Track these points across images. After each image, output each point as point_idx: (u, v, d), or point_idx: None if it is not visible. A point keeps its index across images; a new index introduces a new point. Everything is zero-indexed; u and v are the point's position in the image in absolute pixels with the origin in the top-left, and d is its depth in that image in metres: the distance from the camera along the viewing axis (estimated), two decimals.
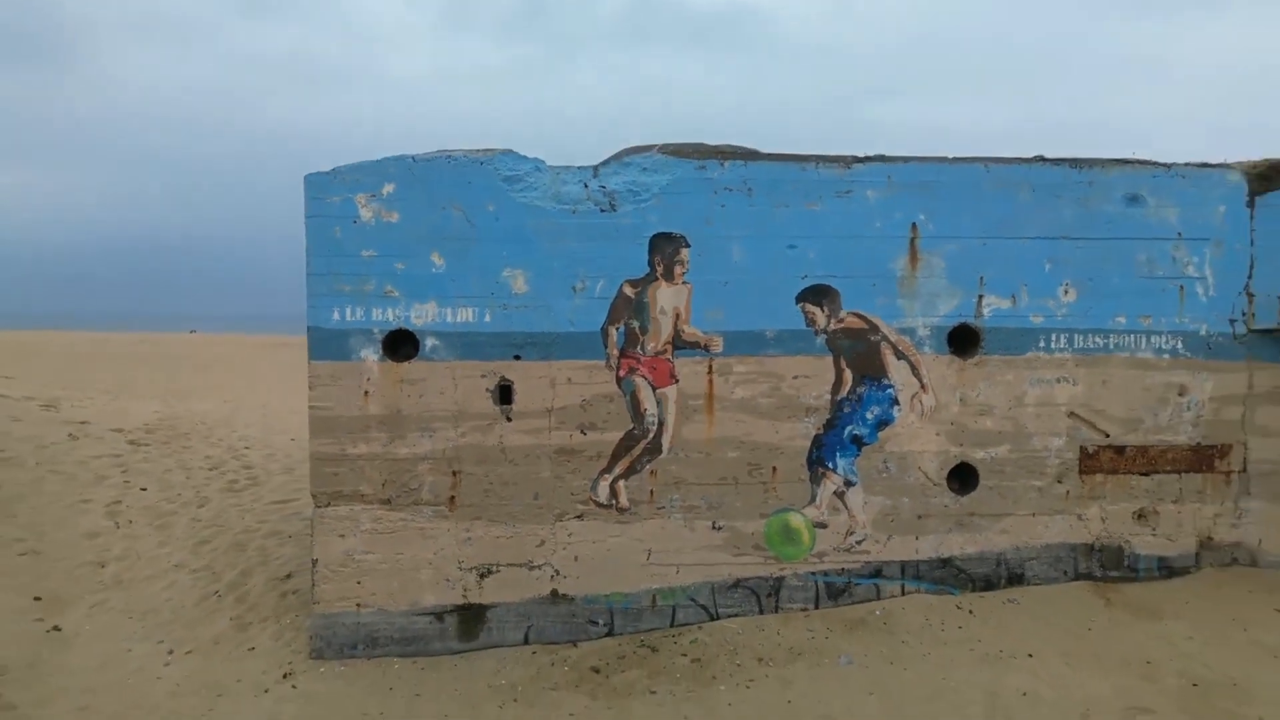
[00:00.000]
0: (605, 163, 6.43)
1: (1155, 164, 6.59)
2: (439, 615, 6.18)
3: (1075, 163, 6.53)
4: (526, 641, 6.23)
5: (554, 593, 6.26)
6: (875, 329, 6.41)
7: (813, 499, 6.43)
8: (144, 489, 9.80)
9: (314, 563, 6.17)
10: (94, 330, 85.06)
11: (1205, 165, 6.64)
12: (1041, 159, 6.55)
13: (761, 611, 6.37)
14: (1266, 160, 6.63)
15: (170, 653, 6.27)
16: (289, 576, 7.56)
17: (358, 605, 6.15)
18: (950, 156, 6.48)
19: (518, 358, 6.19)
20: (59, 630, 6.55)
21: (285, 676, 5.89)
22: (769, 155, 6.43)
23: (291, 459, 11.97)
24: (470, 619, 6.20)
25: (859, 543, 6.46)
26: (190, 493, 9.87)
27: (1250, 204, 6.60)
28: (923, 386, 6.47)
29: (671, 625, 6.30)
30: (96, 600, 7.15)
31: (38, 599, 7.05)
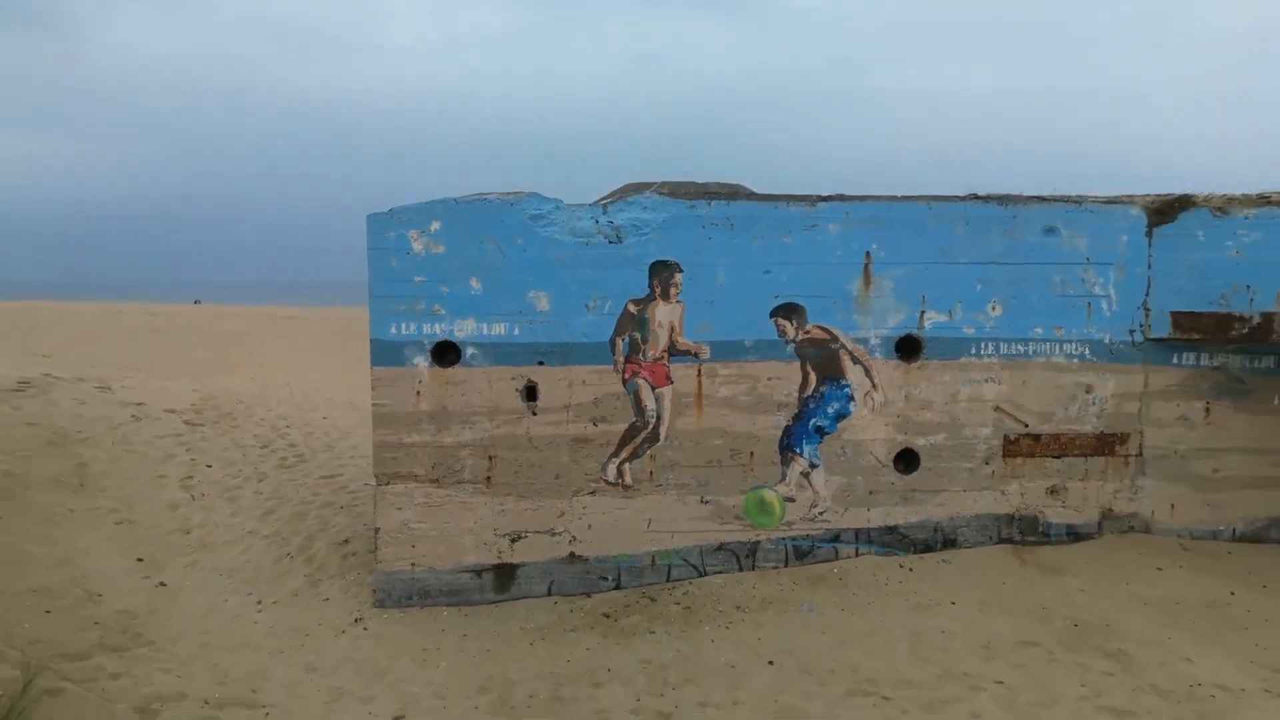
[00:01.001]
0: (612, 200, 7.75)
1: (1069, 199, 7.92)
2: (478, 572, 7.62)
3: (1002, 200, 7.86)
4: (549, 593, 7.66)
5: (571, 554, 7.69)
6: (835, 339, 7.78)
7: (783, 478, 7.84)
8: (209, 465, 11.22)
9: (376, 530, 7.59)
10: (102, 300, 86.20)
11: (1112, 200, 7.97)
12: (975, 196, 7.88)
13: (741, 569, 7.81)
14: (1162, 198, 7.96)
15: (259, 603, 7.70)
16: (347, 541, 8.99)
17: (412, 565, 7.57)
18: (899, 196, 7.81)
19: (541, 363, 7.56)
20: (164, 585, 7.98)
21: (356, 621, 7.34)
22: (748, 195, 7.76)
23: (329, 437, 13.37)
24: (504, 575, 7.64)
25: (821, 514, 7.89)
26: (249, 469, 11.29)
27: (1149, 234, 7.94)
28: (874, 386, 7.86)
29: (667, 580, 7.74)
30: (188, 561, 8.59)
31: (140, 560, 8.48)
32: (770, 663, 6.35)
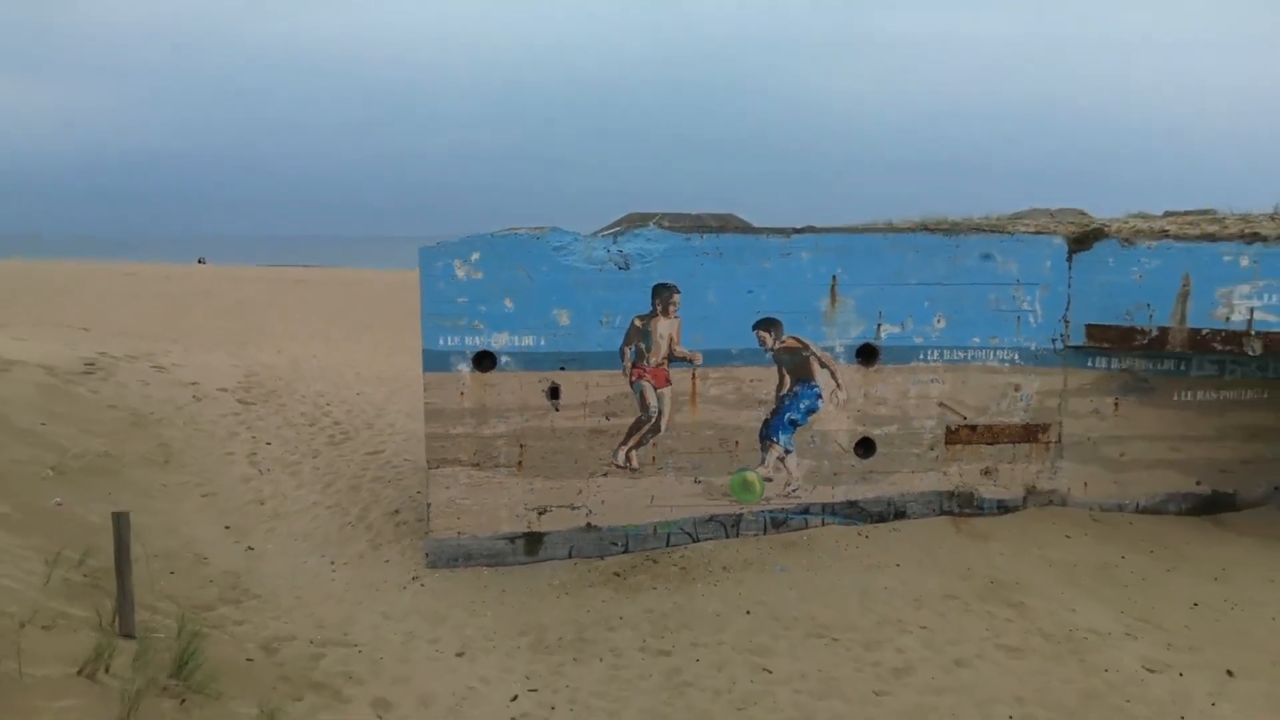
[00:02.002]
0: (620, 231, 9.29)
1: (1003, 231, 9.47)
2: (512, 539, 9.31)
3: (947, 230, 9.40)
4: (570, 556, 9.37)
5: (588, 524, 9.38)
6: (806, 347, 9.38)
7: (763, 461, 9.50)
8: (268, 443, 12.90)
9: (428, 505, 9.27)
10: (108, 259, 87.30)
11: (1039, 231, 9.52)
12: (924, 228, 9.42)
13: (727, 536, 9.51)
14: (1081, 229, 9.49)
15: (332, 564, 9.41)
16: (397, 511, 10.69)
17: (458, 533, 9.26)
18: (860, 227, 9.35)
19: (563, 369, 9.16)
20: (252, 549, 9.69)
21: (414, 579, 9.05)
22: (735, 227, 9.30)
23: (367, 415, 15.02)
24: (533, 541, 9.34)
25: (794, 491, 9.56)
26: (304, 446, 12.97)
27: (1069, 260, 9.49)
28: (838, 386, 9.47)
29: (666, 545, 9.44)
30: (267, 528, 10.29)
31: (227, 528, 10.19)
32: (748, 612, 8.06)
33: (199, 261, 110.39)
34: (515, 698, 6.75)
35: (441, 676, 7.09)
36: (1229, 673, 6.84)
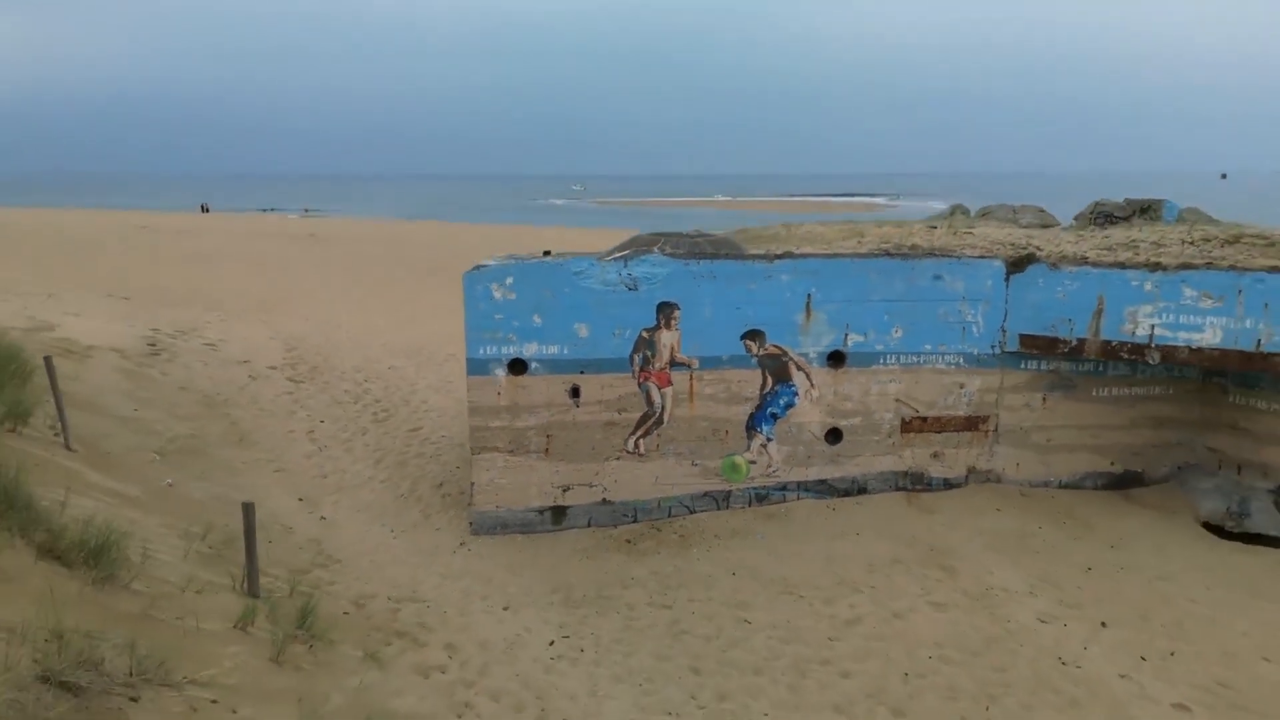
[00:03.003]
0: (630, 256, 11.06)
1: (952, 255, 11.24)
2: (541, 511, 11.30)
3: (904, 256, 11.18)
4: (589, 525, 11.36)
5: (604, 499, 11.35)
6: (785, 354, 11.24)
7: (748, 447, 11.43)
8: (322, 422, 14.84)
9: (472, 484, 11.23)
10: (113, 209, 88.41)
11: (982, 255, 11.29)
12: (886, 253, 11.19)
13: (719, 509, 11.49)
14: (1017, 254, 11.26)
15: (393, 532, 11.41)
16: (441, 485, 12.67)
17: (496, 506, 11.24)
18: (830, 253, 11.12)
19: (582, 373, 11.03)
20: (325, 519, 11.68)
21: (462, 544, 11.05)
22: (728, 253, 11.07)
23: (402, 391, 16.93)
24: (558, 513, 11.32)
25: (774, 472, 11.52)
26: (352, 424, 14.91)
27: (1007, 280, 11.29)
28: (812, 385, 11.36)
29: (668, 517, 11.43)
30: (333, 500, 12.28)
31: (301, 500, 12.17)
32: (733, 573, 10.08)
33: (202, 210, 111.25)
34: (552, 642, 8.78)
35: (493, 626, 9.13)
36: (1102, 624, 8.87)
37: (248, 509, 8.47)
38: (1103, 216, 18.94)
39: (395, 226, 74.65)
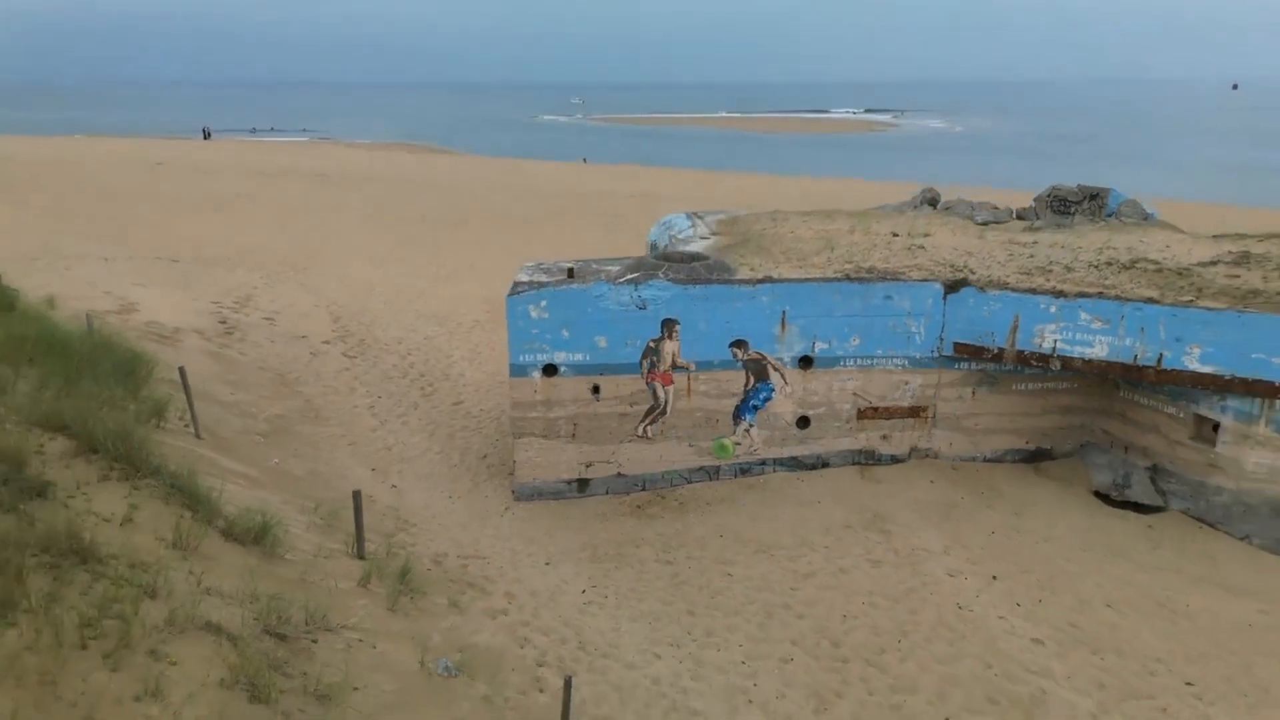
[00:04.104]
0: (640, 279, 13.68)
1: (901, 278, 13.87)
2: (569, 482, 14.22)
3: (861, 280, 13.81)
4: (607, 493, 14.30)
5: (618, 473, 14.26)
6: (765, 359, 13.97)
7: (734, 432, 14.28)
8: (380, 397, 17.65)
9: (514, 461, 14.11)
10: (109, 134, 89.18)
11: (925, 279, 13.92)
12: (848, 277, 13.82)
13: (710, 481, 14.42)
14: (953, 278, 13.88)
15: (451, 498, 14.34)
16: (485, 456, 15.57)
17: (533, 478, 14.15)
18: (802, 278, 13.75)
19: (601, 375, 13.79)
20: (395, 487, 14.59)
21: (506, 509, 14.00)
22: (717, 280, 13.70)
23: (441, 364, 19.69)
24: (582, 484, 14.25)
25: (755, 451, 14.40)
26: (404, 399, 17.72)
27: (945, 299, 13.95)
28: (785, 383, 14.13)
29: (670, 487, 14.36)
30: (398, 470, 15.18)
31: (373, 470, 15.07)
32: (720, 536, 13.05)
33: (204, 135, 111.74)
34: (584, 591, 11.79)
35: (539, 577, 12.12)
36: (994, 577, 11.88)
37: (357, 496, 11.37)
38: (1058, 200, 21.64)
39: (399, 158, 76.02)
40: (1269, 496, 12.45)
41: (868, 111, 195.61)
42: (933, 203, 22.51)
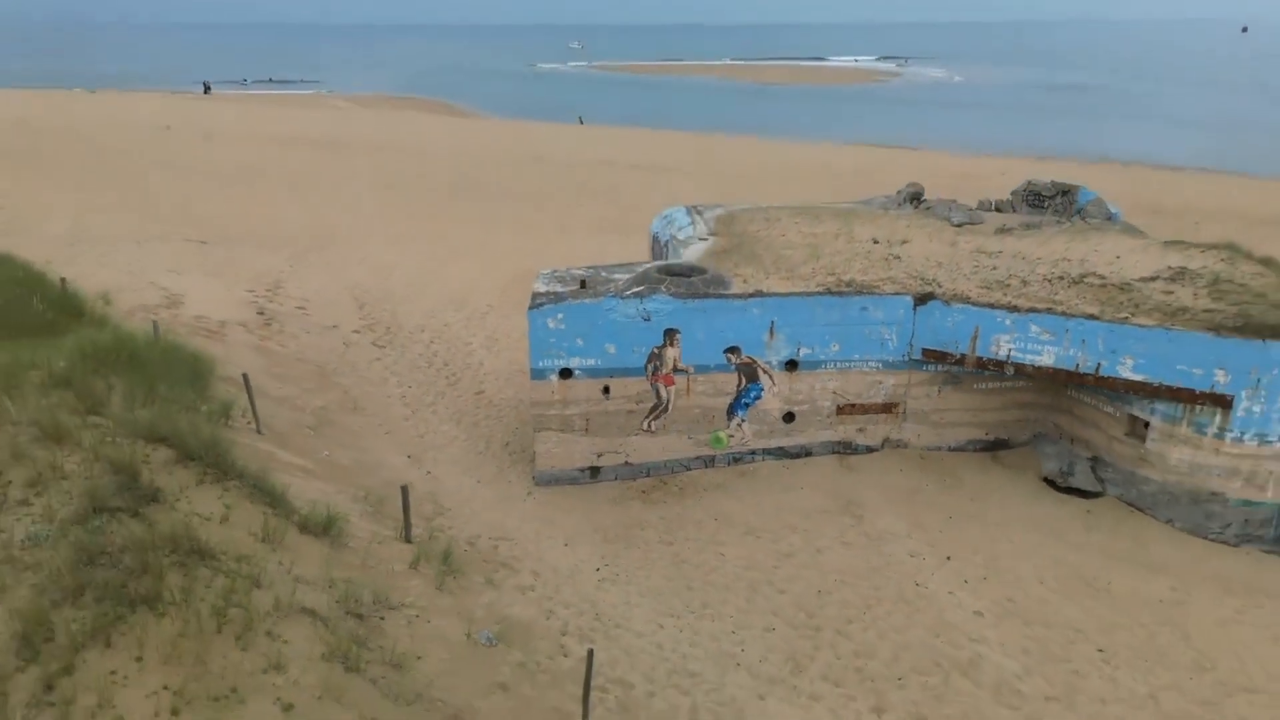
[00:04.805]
0: (644, 294, 15.49)
1: (875, 292, 15.68)
2: (582, 470, 16.21)
3: (840, 294, 15.62)
4: (615, 480, 16.30)
5: (626, 462, 16.25)
6: (755, 362, 15.86)
7: (728, 426, 16.23)
8: (410, 387, 19.56)
9: (535, 452, 16.09)
10: (114, 88, 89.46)
11: (897, 293, 15.73)
12: (829, 291, 15.63)
13: (706, 469, 16.42)
14: (922, 291, 15.69)
15: (479, 483, 16.33)
16: (507, 444, 17.54)
17: (551, 466, 16.14)
18: (789, 293, 15.56)
19: (611, 377, 15.69)
20: (430, 474, 16.57)
21: (529, 494, 16.00)
22: (713, 294, 15.51)
23: (462, 353, 21.54)
24: (594, 471, 16.25)
25: (745, 443, 16.37)
26: (431, 388, 19.63)
27: (915, 310, 15.77)
28: (774, 383, 16.04)
29: (671, 474, 16.36)
30: (432, 458, 17.14)
31: (409, 457, 17.04)
32: (714, 519, 15.07)
33: (204, 89, 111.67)
34: (598, 569, 13.83)
35: (559, 557, 14.16)
36: (947, 558, 13.93)
37: (404, 490, 13.33)
38: (1033, 195, 23.39)
39: (407, 120, 76.87)
40: (1189, 488, 14.44)
41: (877, 60, 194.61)
42: (916, 197, 24.19)
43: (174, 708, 7.70)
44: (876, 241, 18.43)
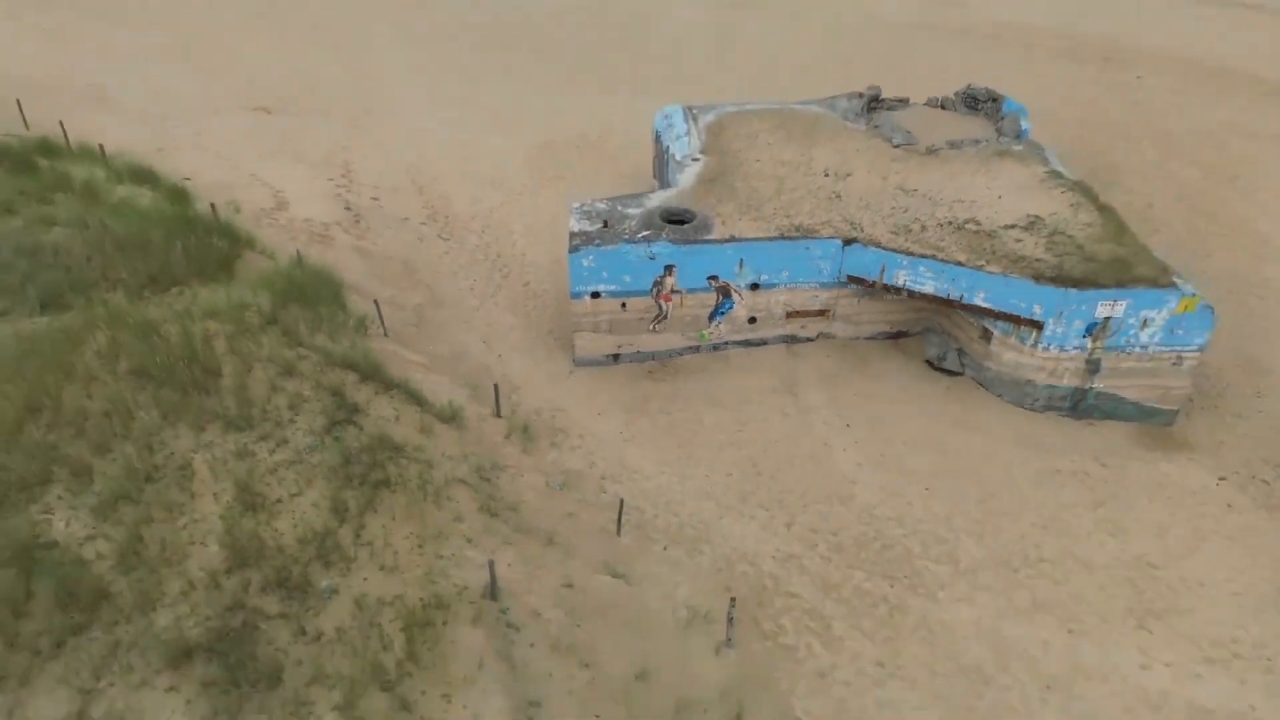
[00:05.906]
0: (650, 238, 21.87)
1: (815, 236, 22.06)
2: (608, 356, 23.36)
3: (790, 239, 22.01)
4: (631, 363, 23.48)
5: (638, 351, 23.38)
6: (729, 286, 22.53)
7: (709, 326, 23.21)
8: (474, 281, 26.12)
9: (574, 344, 23.16)
10: None
11: (830, 238, 22.09)
12: (783, 236, 22.02)
13: (694, 355, 23.58)
14: (849, 235, 22.02)
15: (534, 362, 23.46)
16: (551, 331, 24.50)
17: (586, 353, 23.26)
18: (754, 238, 21.95)
19: (628, 297, 22.42)
20: (500, 356, 23.62)
21: (570, 374, 23.20)
22: (700, 240, 21.92)
23: (512, 249, 27.85)
24: (616, 358, 23.40)
25: (721, 338, 23.41)
26: (490, 281, 26.20)
27: (843, 249, 22.20)
28: (741, 299, 22.81)
29: (669, 359, 23.53)
30: (499, 343, 24.12)
31: (484, 342, 24.03)
32: (698, 396, 22.41)
33: None
34: (621, 432, 21.28)
35: (596, 424, 21.56)
36: (847, 425, 21.43)
37: (496, 388, 20.59)
38: (970, 99, 29.18)
39: None
40: (1014, 376, 21.69)
41: None
42: (875, 99, 29.44)
43: (419, 544, 15.12)
44: (827, 174, 24.37)
